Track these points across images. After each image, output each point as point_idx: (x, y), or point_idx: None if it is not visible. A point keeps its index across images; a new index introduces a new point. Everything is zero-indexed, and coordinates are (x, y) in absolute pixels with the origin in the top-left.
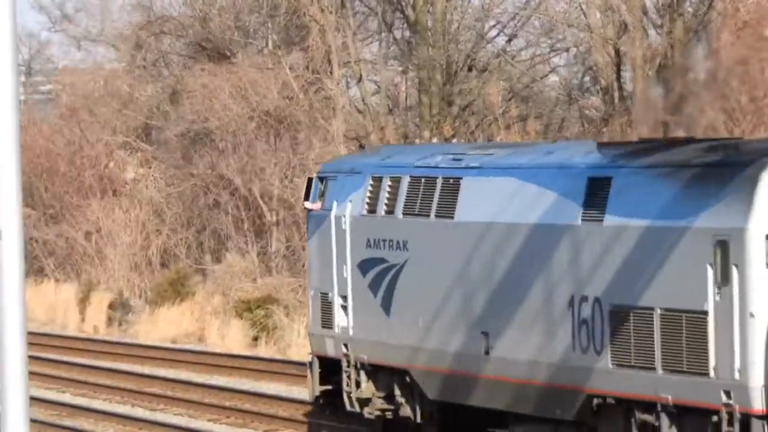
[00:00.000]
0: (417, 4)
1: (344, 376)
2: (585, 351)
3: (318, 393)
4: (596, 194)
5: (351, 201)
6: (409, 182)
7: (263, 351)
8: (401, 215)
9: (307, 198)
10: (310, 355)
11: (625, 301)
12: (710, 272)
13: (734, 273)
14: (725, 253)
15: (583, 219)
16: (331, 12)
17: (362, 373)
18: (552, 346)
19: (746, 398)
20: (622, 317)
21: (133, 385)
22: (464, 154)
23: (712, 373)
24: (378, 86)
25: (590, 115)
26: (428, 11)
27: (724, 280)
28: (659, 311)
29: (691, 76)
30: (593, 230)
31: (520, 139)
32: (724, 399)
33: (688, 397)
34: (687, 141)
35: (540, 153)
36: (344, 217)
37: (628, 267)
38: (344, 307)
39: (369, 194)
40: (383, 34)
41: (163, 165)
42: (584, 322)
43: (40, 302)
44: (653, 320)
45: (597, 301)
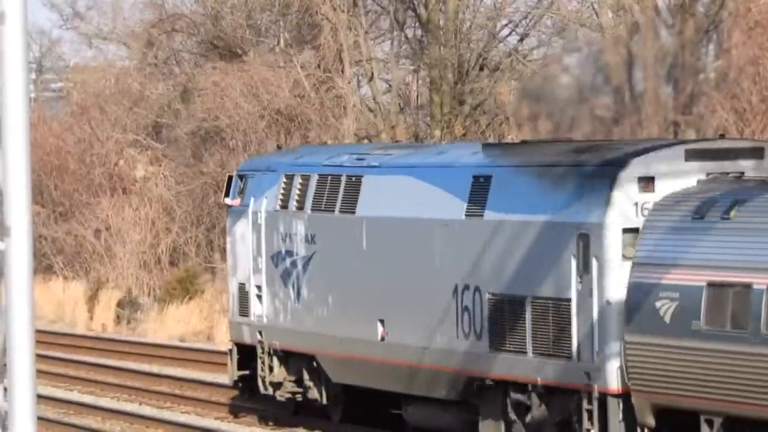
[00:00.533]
0: (429, 3)
1: (259, 361)
2: (467, 337)
3: (236, 377)
4: (478, 191)
5: (266, 197)
6: (317, 180)
7: None
8: (310, 210)
9: (227, 194)
10: (230, 342)
11: (501, 290)
12: (573, 263)
13: (594, 264)
14: (586, 245)
15: (466, 214)
16: (343, 10)
17: (275, 359)
18: (439, 332)
19: (603, 379)
20: (498, 305)
21: (140, 384)
22: (367, 154)
23: (574, 355)
24: (389, 85)
25: (601, 114)
26: (440, 10)
27: (585, 270)
28: (530, 299)
29: (701, 77)
30: (475, 224)
31: (530, 137)
32: (584, 379)
33: (555, 379)
34: (566, 142)
35: (432, 153)
36: (260, 212)
37: (504, 258)
38: (259, 297)
39: (282, 191)
40: (395, 33)
41: (173, 163)
42: (466, 309)
43: (49, 300)
44: (525, 308)
45: (477, 290)
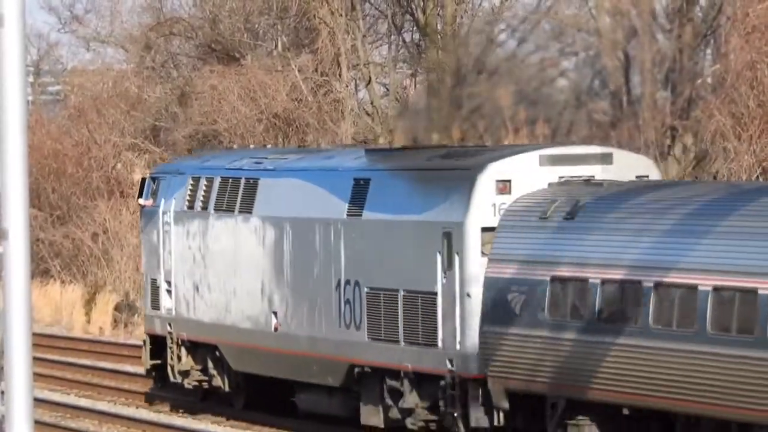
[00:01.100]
0: (427, 7)
1: (168, 351)
2: (348, 327)
3: (149, 366)
4: (358, 193)
5: (175, 198)
6: (220, 182)
7: None
8: (213, 210)
9: (141, 196)
10: (145, 334)
11: (378, 284)
12: (439, 259)
13: (456, 260)
14: (450, 243)
15: (347, 214)
16: (341, 14)
17: (183, 349)
18: (324, 323)
19: (464, 366)
20: (375, 298)
21: (138, 387)
22: (265, 158)
23: (440, 344)
24: (387, 89)
25: (599, 118)
26: (438, 14)
27: (449, 265)
28: (402, 293)
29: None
30: (355, 224)
31: (528, 142)
32: (448, 366)
33: (423, 365)
34: (439, 148)
35: (321, 158)
36: (169, 212)
37: (380, 255)
38: (169, 291)
39: (189, 192)
40: (393, 37)
41: None
42: (348, 302)
43: (46, 303)
44: (398, 301)
45: (357, 284)
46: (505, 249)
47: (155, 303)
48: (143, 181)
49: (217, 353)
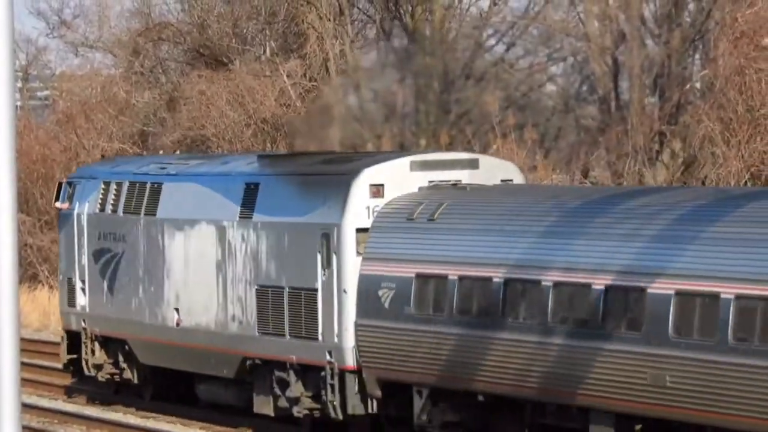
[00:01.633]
0: (415, 12)
1: (83, 346)
2: (241, 322)
3: (66, 361)
4: (249, 197)
5: (89, 201)
6: (128, 186)
7: None
8: (122, 213)
9: (57, 199)
10: (62, 330)
11: (266, 282)
12: (319, 258)
13: (334, 259)
14: (328, 243)
15: (239, 216)
16: (329, 19)
17: (96, 344)
18: (219, 318)
19: (342, 357)
20: (264, 295)
21: (125, 393)
22: (169, 163)
23: (320, 337)
24: (375, 94)
25: (587, 124)
26: (426, 19)
27: (327, 264)
28: (287, 289)
29: (687, 87)
30: (245, 225)
31: (516, 147)
32: (328, 357)
33: (306, 357)
34: (325, 154)
35: (218, 163)
36: (83, 214)
37: (267, 255)
38: (83, 289)
39: (101, 196)
40: (381, 42)
41: None
42: (240, 299)
43: (34, 309)
44: (284, 297)
45: (248, 282)
46: (377, 248)
47: (71, 301)
48: (60, 185)
49: (127, 347)
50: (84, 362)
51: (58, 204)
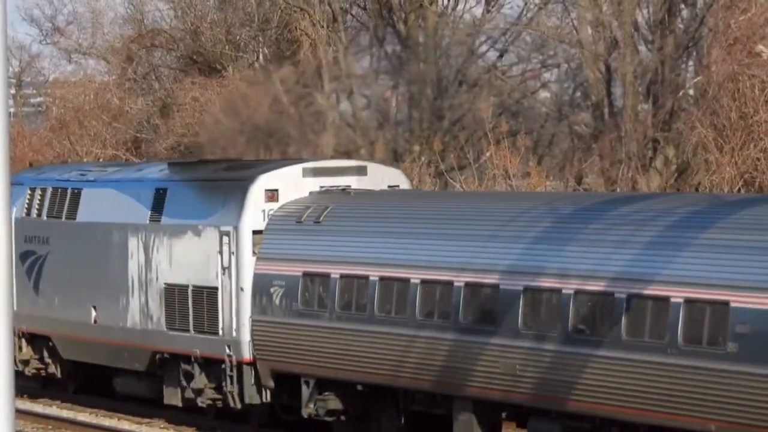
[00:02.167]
0: (409, 19)
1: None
2: (151, 319)
3: None
4: (158, 201)
5: (17, 206)
6: (51, 192)
7: None
8: (46, 217)
9: None
10: None
11: (172, 280)
12: (219, 258)
13: (233, 259)
14: (227, 244)
15: (149, 220)
16: (322, 26)
17: (23, 340)
18: (132, 315)
19: (239, 351)
20: (171, 293)
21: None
22: (89, 170)
23: (220, 332)
24: (369, 100)
25: (580, 130)
26: (420, 26)
27: (227, 264)
28: (191, 288)
29: (681, 93)
30: (155, 228)
31: (509, 154)
32: (227, 351)
33: (208, 351)
34: (231, 161)
35: (134, 170)
36: (12, 219)
37: (174, 255)
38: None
39: (27, 201)
40: (374, 49)
41: None
42: (150, 297)
43: None
44: (188, 295)
45: (157, 281)
46: (269, 249)
47: None
48: None
49: (51, 344)
50: (14, 359)
51: None
